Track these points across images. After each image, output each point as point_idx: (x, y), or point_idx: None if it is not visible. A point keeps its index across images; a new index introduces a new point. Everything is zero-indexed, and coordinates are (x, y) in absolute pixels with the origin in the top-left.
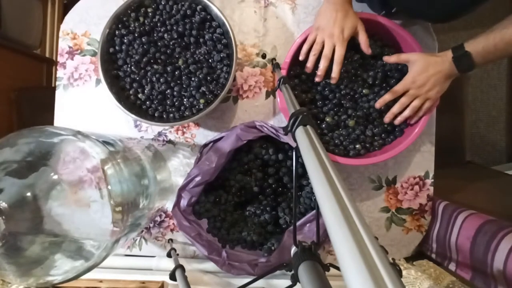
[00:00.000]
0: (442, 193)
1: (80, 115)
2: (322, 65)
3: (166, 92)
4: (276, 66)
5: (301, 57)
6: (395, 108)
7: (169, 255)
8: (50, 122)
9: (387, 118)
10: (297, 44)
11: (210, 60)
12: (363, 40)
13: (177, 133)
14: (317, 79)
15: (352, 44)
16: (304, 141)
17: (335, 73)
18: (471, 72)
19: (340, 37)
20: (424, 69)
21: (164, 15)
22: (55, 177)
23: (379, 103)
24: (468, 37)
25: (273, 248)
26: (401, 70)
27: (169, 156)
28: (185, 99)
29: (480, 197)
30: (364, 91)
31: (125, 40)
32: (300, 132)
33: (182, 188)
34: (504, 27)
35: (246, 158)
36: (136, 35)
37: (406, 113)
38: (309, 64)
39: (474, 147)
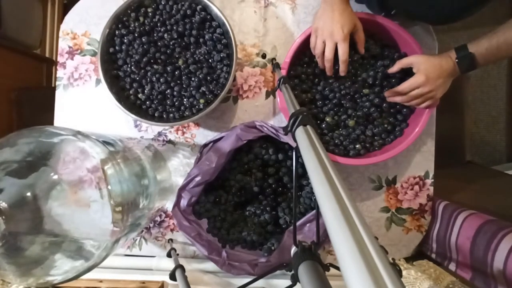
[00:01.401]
0: (442, 193)
1: (80, 115)
2: (327, 67)
3: (166, 92)
4: (276, 66)
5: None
6: (398, 99)
7: (169, 255)
8: (50, 122)
9: (387, 94)
10: (297, 44)
11: (210, 60)
12: (360, 39)
13: (177, 133)
14: (328, 74)
15: (351, 44)
16: (304, 141)
17: (342, 71)
18: (471, 72)
19: (340, 33)
20: (433, 67)
21: (164, 15)
22: (55, 177)
23: (388, 93)
24: (469, 37)
25: (273, 248)
26: (403, 69)
27: (169, 156)
28: (185, 99)
29: (480, 197)
30: (364, 91)
31: (125, 40)
32: (300, 132)
33: (182, 188)
34: (507, 29)
35: (246, 158)
36: (136, 35)
37: (406, 103)
38: (320, 65)
39: (474, 147)
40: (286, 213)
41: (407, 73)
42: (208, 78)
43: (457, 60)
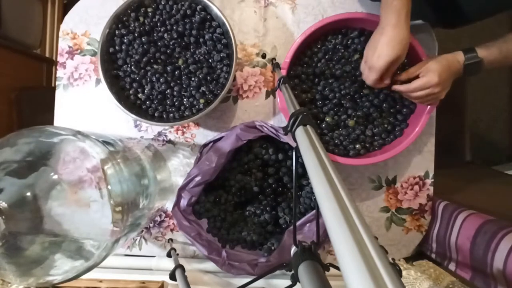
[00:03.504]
0: (442, 193)
1: (80, 115)
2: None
3: (166, 92)
4: (276, 66)
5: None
6: (405, 96)
7: (169, 255)
8: (50, 122)
9: (394, 88)
10: (297, 44)
11: (210, 60)
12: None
13: (177, 133)
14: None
15: (351, 43)
16: (304, 141)
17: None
18: None
19: (375, 66)
20: (443, 69)
21: (164, 15)
22: (55, 177)
23: (400, 77)
24: (469, 37)
25: (273, 248)
26: (404, 69)
27: (169, 156)
28: (185, 99)
29: (480, 197)
30: (364, 91)
31: (125, 40)
32: (300, 132)
33: (182, 188)
34: None
35: (246, 158)
36: (136, 35)
37: (409, 96)
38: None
39: (474, 147)
40: (286, 213)
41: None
42: (208, 78)
43: (465, 63)
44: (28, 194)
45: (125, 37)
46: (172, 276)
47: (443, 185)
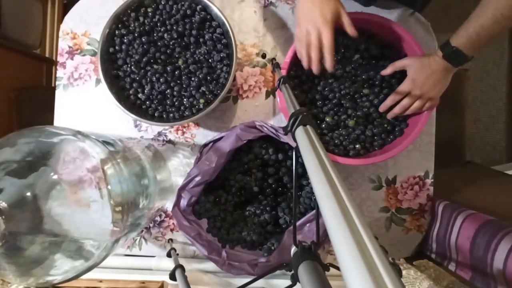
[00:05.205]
0: (442, 193)
1: (80, 115)
2: (312, 56)
3: (166, 92)
4: (276, 66)
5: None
6: (397, 110)
7: (169, 255)
8: (50, 122)
9: (388, 116)
10: None
11: (210, 60)
12: (346, 21)
13: (177, 133)
14: (315, 72)
15: (351, 43)
16: (304, 141)
17: (328, 62)
18: (470, 71)
19: (322, 20)
20: (421, 69)
21: (164, 15)
22: (55, 177)
23: (382, 108)
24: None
25: (273, 248)
26: (402, 70)
27: (169, 156)
28: (185, 99)
29: (480, 197)
30: (364, 91)
31: (125, 40)
32: (300, 132)
33: (182, 188)
34: (479, 16)
35: (246, 158)
36: (136, 35)
37: (407, 113)
38: (303, 62)
39: (474, 147)
40: (286, 213)
41: (406, 73)
42: (208, 78)
43: (444, 58)
44: (28, 194)
45: (125, 37)
46: (172, 276)
47: (443, 185)
